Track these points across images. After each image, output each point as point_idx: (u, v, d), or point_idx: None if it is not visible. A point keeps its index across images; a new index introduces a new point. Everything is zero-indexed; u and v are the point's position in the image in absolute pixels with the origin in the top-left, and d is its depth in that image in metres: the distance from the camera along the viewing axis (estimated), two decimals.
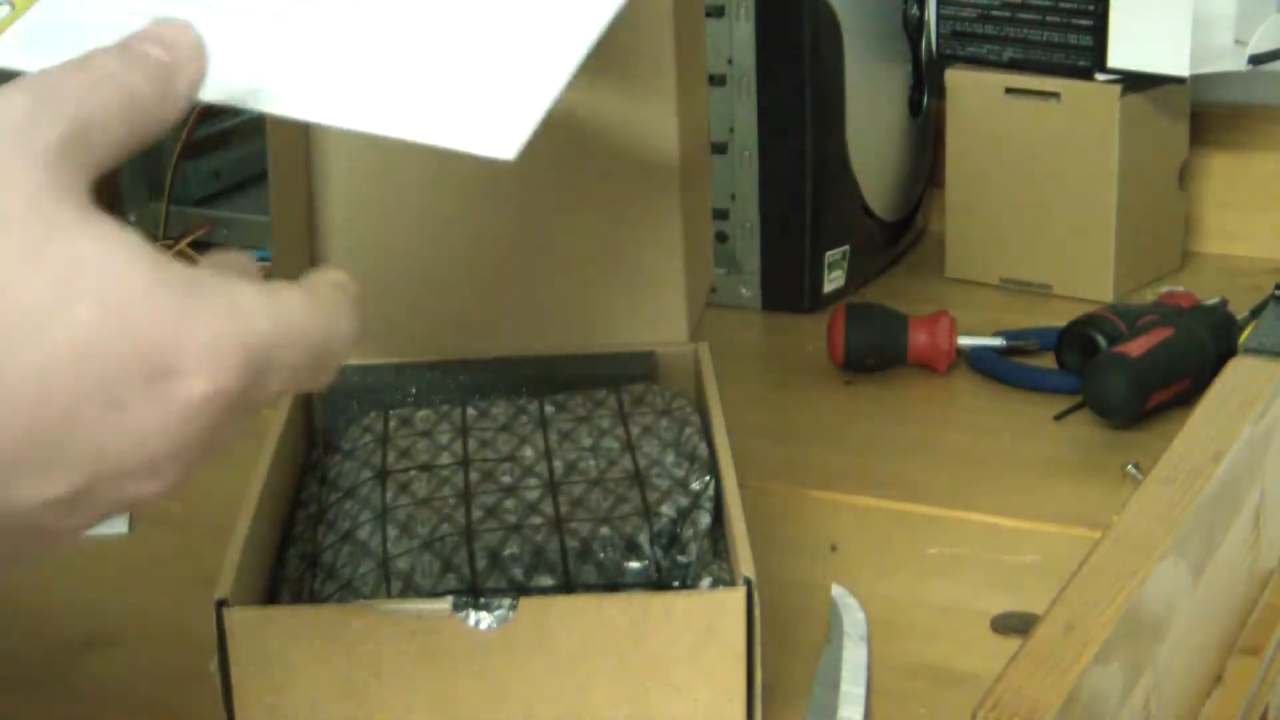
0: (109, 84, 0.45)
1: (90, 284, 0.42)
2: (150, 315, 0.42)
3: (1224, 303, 1.06)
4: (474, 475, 0.75)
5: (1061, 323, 1.03)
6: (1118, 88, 1.11)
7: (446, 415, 0.80)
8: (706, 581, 0.69)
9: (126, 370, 0.42)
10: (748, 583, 0.65)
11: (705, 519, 0.71)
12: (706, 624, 0.65)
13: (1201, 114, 1.21)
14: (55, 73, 0.45)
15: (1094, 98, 1.12)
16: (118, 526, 0.89)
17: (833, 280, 1.17)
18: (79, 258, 0.42)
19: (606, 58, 0.85)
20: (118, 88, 0.45)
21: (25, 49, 0.54)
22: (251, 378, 0.44)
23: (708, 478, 0.73)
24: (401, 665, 0.65)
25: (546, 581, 0.68)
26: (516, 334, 0.87)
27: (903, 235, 1.25)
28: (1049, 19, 1.13)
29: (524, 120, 0.46)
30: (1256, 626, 0.78)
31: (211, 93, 0.48)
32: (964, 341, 1.04)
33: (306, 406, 0.84)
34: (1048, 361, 1.04)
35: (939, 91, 1.21)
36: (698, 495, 0.72)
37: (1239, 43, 1.09)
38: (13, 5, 0.53)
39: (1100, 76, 1.11)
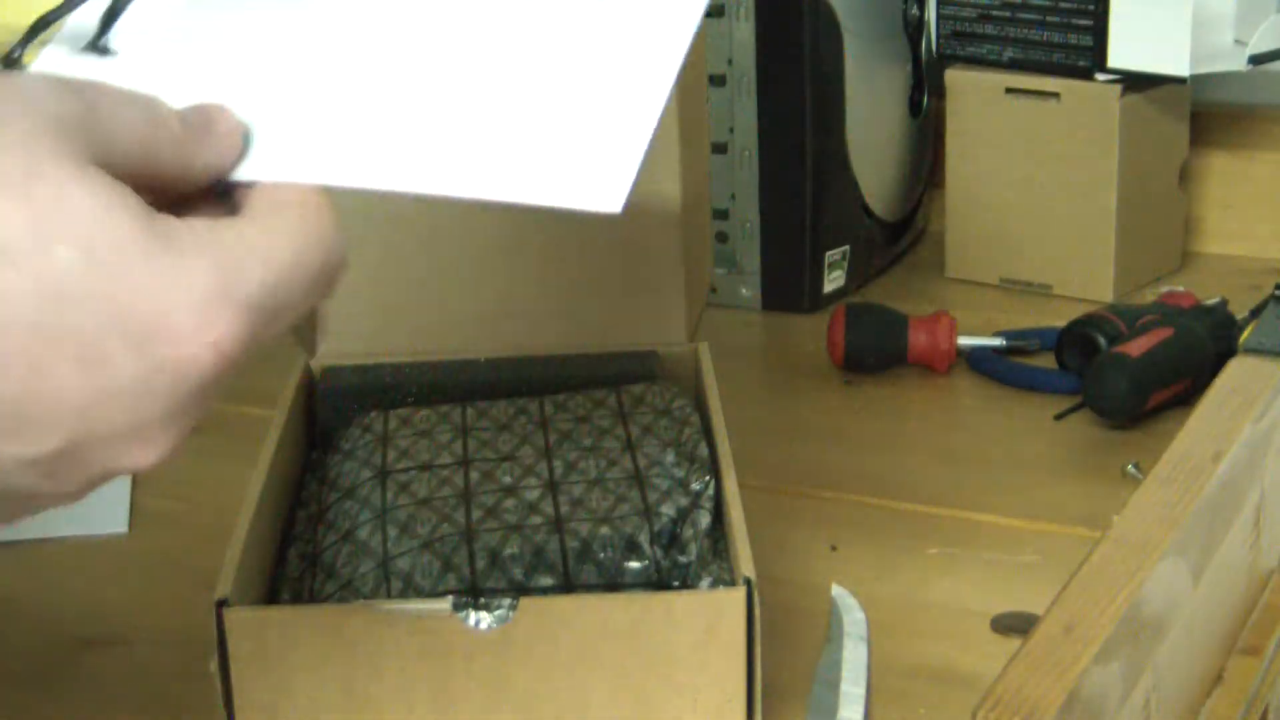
0: (135, 102, 0.44)
1: (73, 228, 0.40)
2: (136, 272, 0.40)
3: (1224, 303, 1.06)
4: (474, 475, 0.75)
5: (1061, 323, 1.03)
6: (1118, 88, 1.11)
7: (446, 415, 0.80)
8: (706, 581, 0.69)
9: (106, 326, 0.40)
10: (748, 583, 0.65)
11: (705, 519, 0.71)
12: (706, 624, 0.65)
13: (1201, 114, 1.21)
14: (87, 78, 0.44)
15: (1094, 98, 1.12)
16: (118, 526, 0.89)
17: (833, 280, 1.17)
18: (65, 200, 0.40)
19: None
20: (144, 109, 0.45)
21: None
22: (254, 330, 0.43)
23: (708, 478, 0.73)
24: (401, 665, 0.65)
25: (546, 581, 0.68)
26: (516, 334, 0.87)
27: (903, 235, 1.25)
28: (1049, 19, 1.13)
29: (625, 171, 0.45)
30: (1256, 626, 0.78)
31: (284, 171, 0.47)
32: (964, 341, 1.04)
33: (307, 406, 0.84)
34: (1048, 361, 1.04)
35: (939, 91, 1.21)
36: (698, 495, 0.72)
37: (1239, 43, 1.09)
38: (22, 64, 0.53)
39: (1100, 76, 1.11)
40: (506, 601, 0.65)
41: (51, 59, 0.52)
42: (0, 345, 0.39)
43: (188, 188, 0.46)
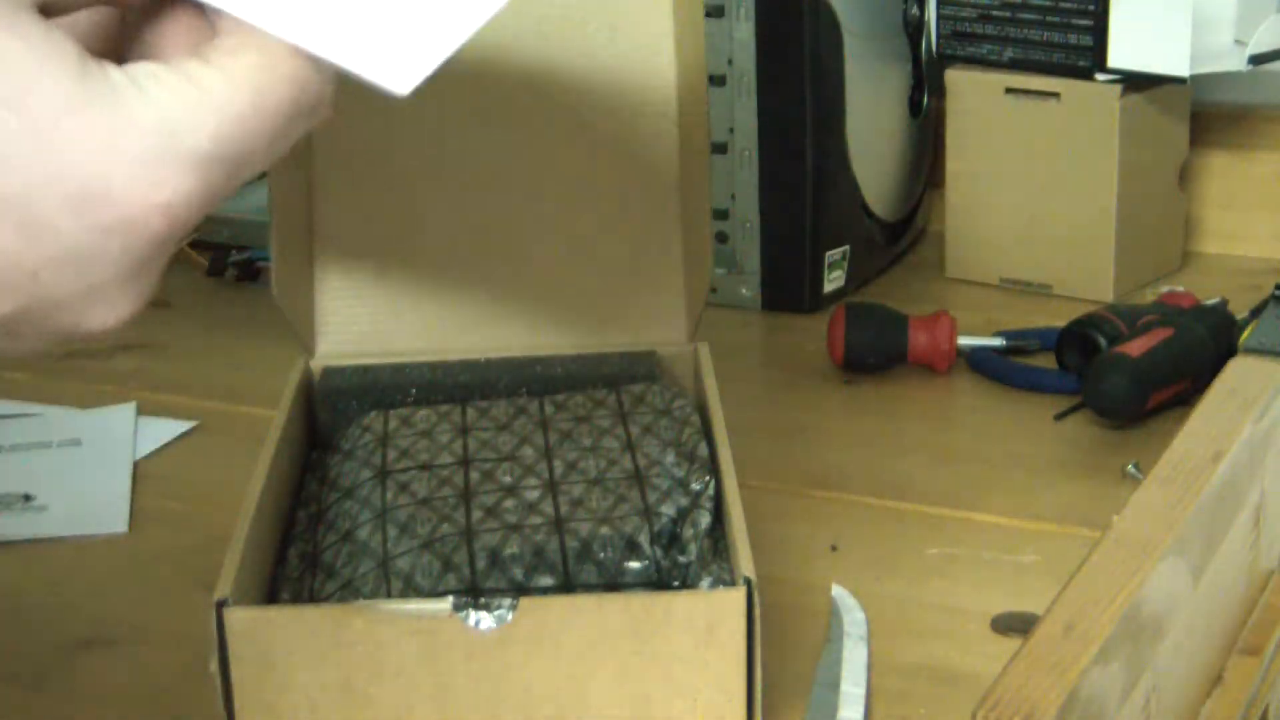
0: None
1: (5, 87, 0.38)
2: (72, 130, 0.38)
3: (1224, 303, 1.06)
4: (474, 475, 0.75)
5: (1061, 323, 1.03)
6: (1118, 88, 1.11)
7: (446, 415, 0.80)
8: (706, 581, 0.69)
9: (44, 191, 0.38)
10: (748, 583, 0.65)
11: (705, 519, 0.71)
12: (706, 624, 0.65)
13: (1201, 114, 1.21)
14: None
15: (1094, 98, 1.12)
16: (118, 526, 0.89)
17: (833, 280, 1.17)
18: None
19: (607, 57, 0.86)
20: None
21: None
22: (211, 184, 0.40)
23: (708, 478, 0.73)
24: (401, 665, 0.65)
25: (546, 581, 0.68)
26: (516, 334, 0.87)
27: (903, 235, 1.25)
28: (1049, 19, 1.13)
29: (426, 60, 0.44)
30: (1256, 626, 0.78)
31: None
32: (964, 341, 1.04)
33: (307, 406, 0.84)
34: (1048, 361, 1.04)
35: (939, 91, 1.21)
36: (698, 495, 0.72)
37: (1239, 43, 1.09)
38: None
39: (1100, 76, 1.11)
40: (506, 601, 0.65)
41: None
42: None
43: None
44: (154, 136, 0.39)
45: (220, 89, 0.41)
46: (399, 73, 0.43)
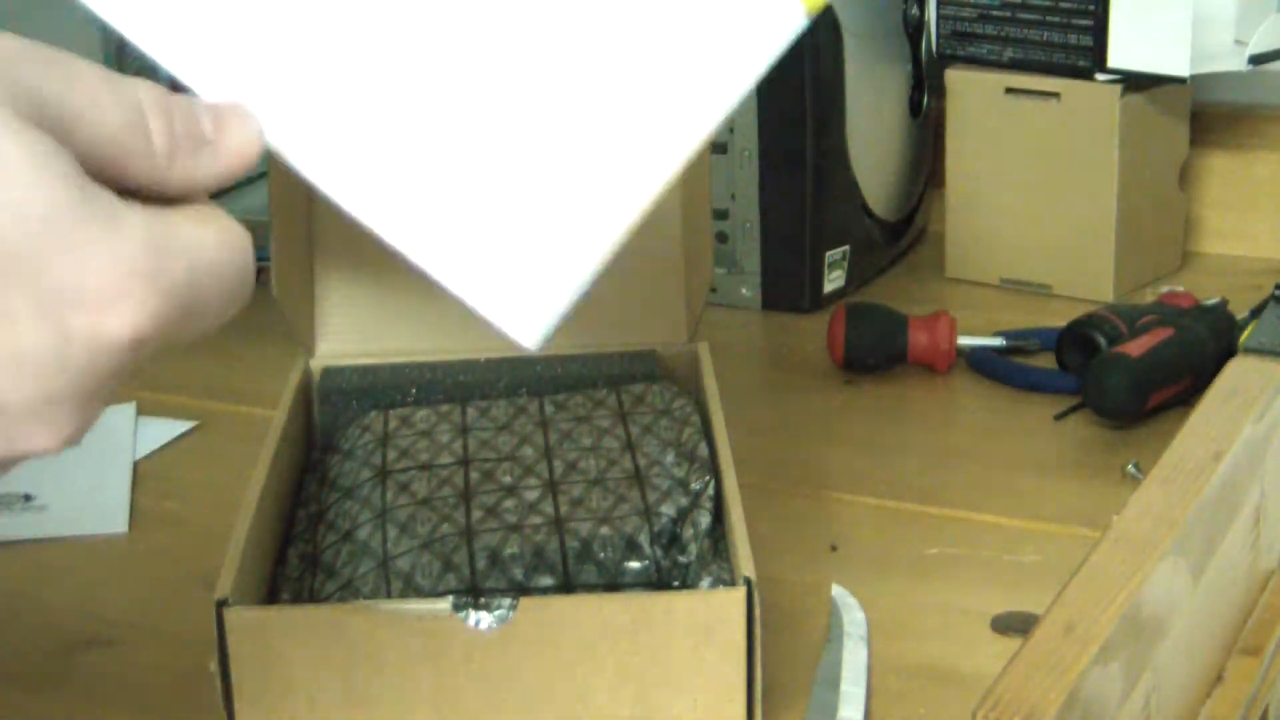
0: (114, 97, 0.41)
1: (5, 187, 0.37)
2: (58, 234, 0.38)
3: (1224, 303, 1.06)
4: (474, 475, 0.75)
5: (1061, 323, 1.03)
6: (1118, 88, 1.11)
7: (446, 415, 0.80)
8: (706, 581, 0.69)
9: (15, 282, 0.38)
10: (748, 583, 0.65)
11: (705, 519, 0.71)
12: (706, 624, 0.65)
13: (1201, 114, 1.21)
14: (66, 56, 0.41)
15: (1094, 98, 1.12)
16: (118, 526, 0.89)
17: (833, 280, 1.17)
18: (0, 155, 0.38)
19: None
20: (122, 109, 0.41)
21: None
22: (170, 320, 0.40)
23: (708, 478, 0.73)
24: (401, 665, 0.65)
25: (546, 581, 0.68)
26: None
27: (903, 235, 1.25)
28: (1049, 19, 1.13)
29: (550, 310, 0.44)
30: (1256, 626, 0.78)
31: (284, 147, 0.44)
32: (964, 341, 1.04)
33: (307, 406, 0.84)
34: (1048, 361, 1.04)
35: (939, 91, 1.21)
36: (698, 495, 0.72)
37: (1239, 43, 1.09)
38: None
39: (1100, 76, 1.11)
40: (506, 601, 0.65)
41: None
42: None
43: (162, 185, 0.42)
44: (143, 252, 0.39)
45: (195, 238, 0.41)
46: (525, 324, 0.42)
